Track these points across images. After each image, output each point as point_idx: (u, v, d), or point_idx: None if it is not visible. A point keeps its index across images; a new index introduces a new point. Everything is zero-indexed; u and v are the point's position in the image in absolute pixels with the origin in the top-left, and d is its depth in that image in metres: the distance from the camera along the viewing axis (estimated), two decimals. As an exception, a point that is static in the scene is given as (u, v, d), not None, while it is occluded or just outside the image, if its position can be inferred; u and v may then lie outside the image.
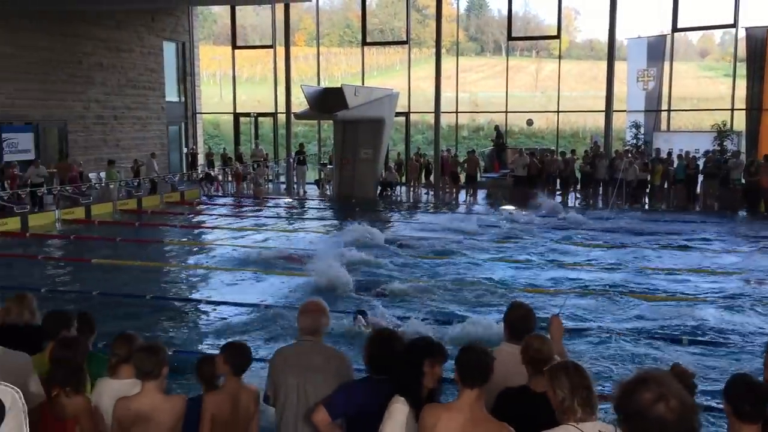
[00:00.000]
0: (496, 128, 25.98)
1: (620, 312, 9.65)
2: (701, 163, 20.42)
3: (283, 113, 26.55)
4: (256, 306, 9.85)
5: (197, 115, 29.41)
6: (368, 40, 28.56)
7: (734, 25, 22.88)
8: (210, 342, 8.44)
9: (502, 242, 14.93)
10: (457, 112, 27.35)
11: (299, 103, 25.67)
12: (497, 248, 14.36)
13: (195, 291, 11.29)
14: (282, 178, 27.05)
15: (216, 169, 25.86)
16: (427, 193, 24.09)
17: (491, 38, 53.17)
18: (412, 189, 24.43)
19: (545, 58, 45.75)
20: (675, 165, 20.68)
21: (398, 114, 25.52)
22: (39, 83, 21.39)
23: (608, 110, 22.79)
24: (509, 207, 19.70)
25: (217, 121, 40.12)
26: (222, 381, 4.03)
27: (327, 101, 21.35)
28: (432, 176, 24.14)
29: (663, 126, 24.64)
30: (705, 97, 35.03)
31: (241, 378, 4.02)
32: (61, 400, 3.67)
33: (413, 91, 26.87)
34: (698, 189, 20.54)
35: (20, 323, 4.79)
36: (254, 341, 7.95)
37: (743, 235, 15.88)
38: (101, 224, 18.21)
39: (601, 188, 21.72)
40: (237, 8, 29.44)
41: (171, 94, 27.76)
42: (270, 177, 26.95)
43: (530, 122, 26.69)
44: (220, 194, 24.53)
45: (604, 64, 23.51)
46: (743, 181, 19.58)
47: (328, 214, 20.48)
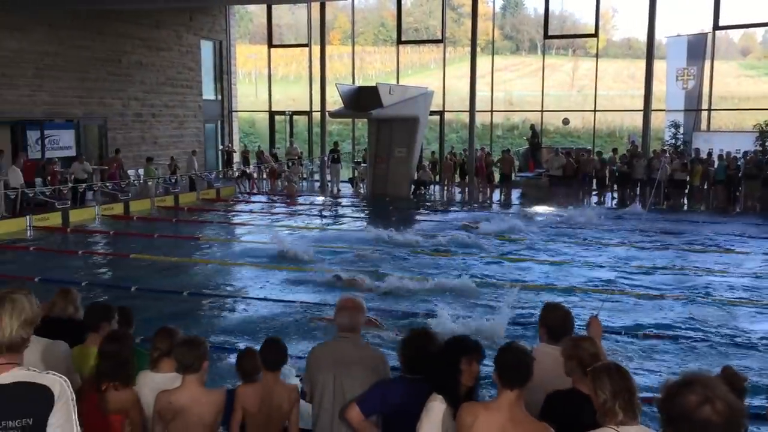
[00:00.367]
0: (532, 127, 25.77)
1: (659, 313, 9.51)
2: (742, 164, 20.02)
3: (318, 112, 26.70)
4: (292, 302, 9.91)
5: (233, 114, 29.72)
6: (403, 39, 28.56)
7: (778, 23, 22.38)
8: (246, 337, 8.51)
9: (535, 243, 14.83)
10: (492, 111, 27.19)
11: (333, 102, 25.77)
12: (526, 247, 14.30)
13: (231, 286, 11.38)
14: (316, 176, 27.20)
15: (251, 167, 26.12)
16: (462, 193, 23.99)
17: (527, 37, 52.68)
18: (446, 188, 24.35)
19: (582, 57, 45.20)
20: (716, 165, 20.29)
21: (433, 113, 25.47)
22: (80, 81, 21.82)
23: (647, 109, 22.46)
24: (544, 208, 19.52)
25: (253, 120, 40.47)
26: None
27: (362, 100, 21.41)
28: (467, 175, 24.05)
29: (703, 126, 24.17)
30: (746, 97, 34.25)
31: (278, 374, 4.06)
32: (110, 394, 3.72)
33: (448, 90, 26.79)
34: (739, 190, 20.14)
35: (64, 317, 4.92)
36: (290, 337, 8.00)
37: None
38: (139, 220, 18.52)
39: (639, 188, 21.40)
40: (273, 7, 29.67)
41: (208, 93, 28.10)
42: (304, 175, 27.12)
43: (566, 121, 26.43)
44: (255, 192, 24.75)
45: (642, 63, 23.19)
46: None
47: (362, 213, 20.51)
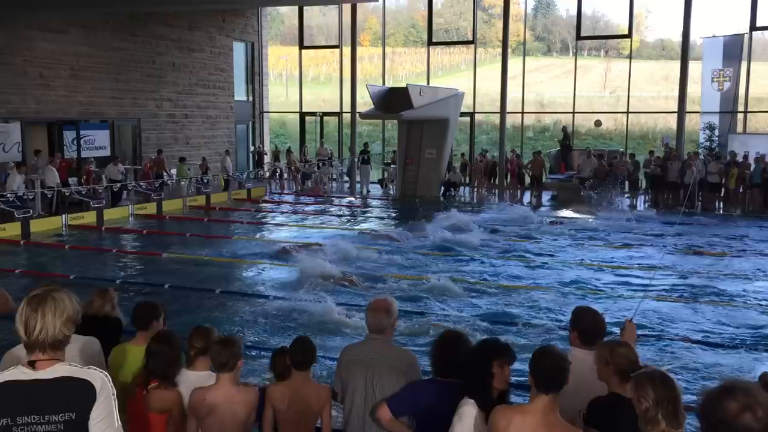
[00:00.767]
0: (564, 129, 25.56)
1: (695, 319, 9.37)
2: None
3: (348, 113, 26.79)
4: (323, 302, 9.94)
5: (264, 114, 29.97)
6: (434, 40, 28.54)
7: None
8: (277, 336, 8.58)
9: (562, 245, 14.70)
10: (523, 113, 27.03)
11: (364, 103, 25.84)
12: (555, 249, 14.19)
13: (262, 285, 11.45)
14: (346, 177, 27.29)
15: (281, 168, 26.31)
16: (492, 194, 23.88)
17: (558, 38, 52.31)
18: (476, 190, 24.26)
19: (614, 58, 44.76)
20: (752, 168, 19.92)
21: (463, 114, 25.40)
22: (114, 82, 22.18)
23: (681, 111, 22.14)
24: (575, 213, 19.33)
25: (283, 120, 40.77)
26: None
27: (392, 101, 21.42)
28: (497, 177, 23.95)
29: (739, 128, 23.74)
30: (784, 98, 33.58)
31: (307, 373, 4.08)
32: (157, 393, 3.78)
33: (478, 91, 26.70)
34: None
35: (100, 314, 5.04)
36: (319, 338, 8.03)
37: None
38: (172, 219, 18.76)
39: (672, 191, 21.07)
40: (304, 9, 29.86)
41: (239, 94, 28.37)
42: (334, 176, 27.24)
43: (598, 123, 26.16)
44: (287, 192, 24.91)
45: (676, 64, 22.88)
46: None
47: (391, 214, 20.52)
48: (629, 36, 25.77)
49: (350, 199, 23.18)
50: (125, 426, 2.68)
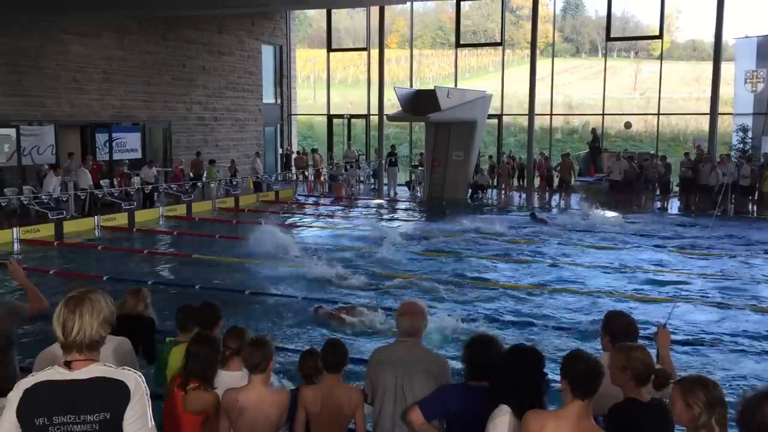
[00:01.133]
0: (593, 131, 25.34)
1: (729, 323, 9.22)
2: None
3: (376, 115, 26.83)
4: (350, 303, 9.97)
5: (292, 117, 30.14)
6: (461, 42, 28.46)
7: None
8: (305, 337, 8.62)
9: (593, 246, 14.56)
10: (552, 115, 26.84)
11: (391, 105, 25.86)
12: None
13: (291, 287, 11.48)
14: (372, 179, 27.33)
15: (309, 170, 26.45)
16: (520, 197, 23.75)
17: (587, 39, 51.81)
18: (504, 192, 24.15)
19: (644, 59, 44.21)
20: (787, 171, 19.54)
21: (491, 116, 25.30)
22: (145, 86, 22.49)
23: (713, 113, 21.79)
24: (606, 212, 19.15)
25: (311, 123, 40.95)
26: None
27: (419, 103, 21.41)
28: (524, 179, 23.81)
29: (773, 130, 23.33)
30: (820, 99, 32.86)
31: (339, 375, 4.09)
32: (195, 394, 3.81)
33: (506, 93, 26.57)
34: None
35: (133, 314, 5.14)
36: (349, 340, 8.06)
37: None
38: (201, 221, 18.95)
39: (704, 194, 20.75)
40: (332, 11, 29.98)
41: (268, 96, 28.57)
42: (362, 178, 27.29)
43: (628, 125, 25.84)
44: (315, 194, 25.02)
45: (707, 65, 22.58)
46: None
47: (418, 216, 20.50)
48: (660, 37, 25.45)
49: (379, 202, 23.21)
50: (159, 426, 2.71)
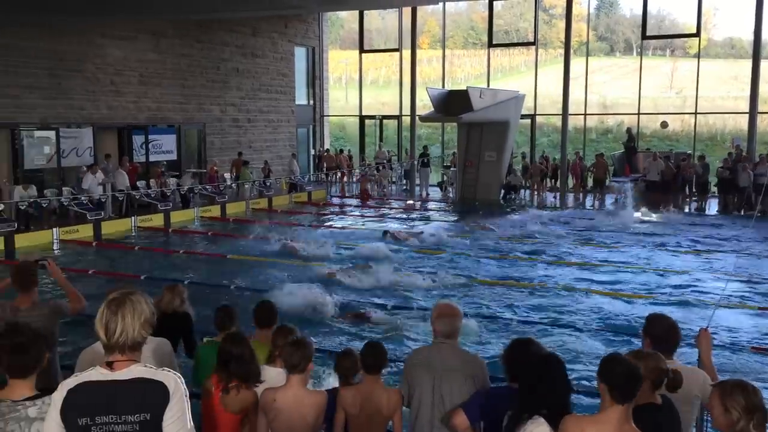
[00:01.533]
0: (628, 131, 24.97)
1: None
2: None
3: (408, 116, 26.81)
4: (386, 305, 9.98)
5: (324, 118, 30.26)
6: (494, 42, 28.30)
7: None
8: (342, 338, 8.64)
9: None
10: (586, 114, 26.53)
11: (423, 106, 25.82)
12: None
13: (327, 288, 11.49)
14: (404, 180, 27.30)
15: (341, 171, 26.55)
16: (554, 197, 23.52)
17: (622, 37, 51.09)
18: (537, 193, 23.93)
19: (680, 57, 43.47)
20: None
21: (523, 116, 25.10)
22: (180, 88, 22.78)
23: (752, 111, 21.34)
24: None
25: (343, 123, 41.08)
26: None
27: (452, 104, 21.33)
28: (558, 180, 23.57)
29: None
30: None
31: (378, 377, 4.09)
32: (234, 394, 3.85)
33: (539, 93, 26.34)
34: None
35: (169, 311, 5.21)
36: (388, 342, 8.05)
37: None
38: (235, 222, 19.13)
39: (742, 195, 20.33)
40: (364, 12, 30.04)
41: (300, 98, 28.73)
42: (393, 179, 27.28)
43: (665, 124, 25.41)
44: (347, 195, 25.09)
45: (746, 63, 22.11)
46: None
47: (451, 217, 20.42)
48: (697, 35, 25.01)
49: (409, 202, 23.18)
50: (198, 427, 2.73)
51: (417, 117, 25.08)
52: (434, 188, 25.86)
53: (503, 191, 23.20)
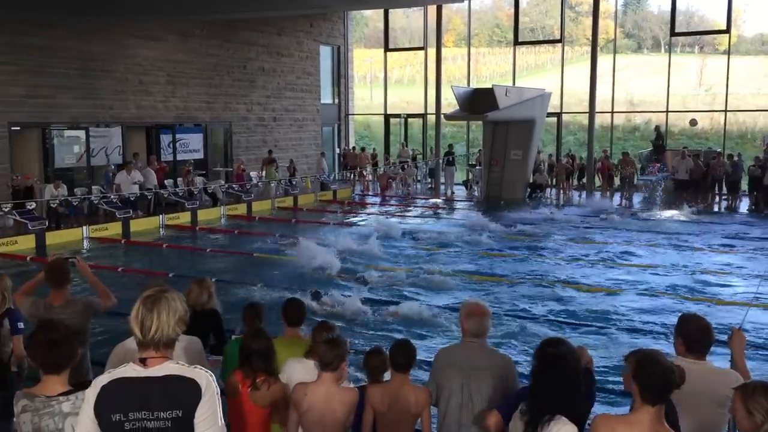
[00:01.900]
0: (657, 128, 24.66)
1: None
2: None
3: (433, 114, 26.76)
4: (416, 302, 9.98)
5: (349, 117, 30.31)
6: (519, 40, 28.12)
7: None
8: (368, 335, 8.65)
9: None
10: (613, 112, 26.26)
11: (447, 104, 25.74)
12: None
13: (353, 287, 11.51)
14: (429, 178, 27.23)
15: (368, 168, 26.57)
16: (580, 196, 23.31)
17: (649, 34, 50.45)
18: (563, 191, 23.74)
19: (710, 54, 42.80)
20: None
21: (550, 114, 24.92)
22: (207, 87, 22.96)
23: (784, 109, 20.96)
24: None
25: (368, 122, 41.09)
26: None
27: (477, 102, 21.25)
28: (584, 178, 23.36)
29: None
30: None
31: (407, 375, 4.09)
32: (264, 388, 3.88)
33: (565, 91, 26.12)
34: None
35: (197, 307, 5.18)
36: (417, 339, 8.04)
37: None
38: (261, 220, 19.24)
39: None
40: (389, 11, 30.02)
41: (326, 96, 28.80)
42: (418, 177, 27.24)
43: (694, 122, 25.08)
44: (371, 194, 25.11)
45: (780, 59, 21.65)
46: None
47: (476, 216, 20.32)
48: (727, 31, 24.63)
49: (434, 201, 23.14)
50: (227, 424, 2.75)
51: (442, 115, 25.01)
52: (459, 186, 25.76)
53: (528, 190, 23.06)
